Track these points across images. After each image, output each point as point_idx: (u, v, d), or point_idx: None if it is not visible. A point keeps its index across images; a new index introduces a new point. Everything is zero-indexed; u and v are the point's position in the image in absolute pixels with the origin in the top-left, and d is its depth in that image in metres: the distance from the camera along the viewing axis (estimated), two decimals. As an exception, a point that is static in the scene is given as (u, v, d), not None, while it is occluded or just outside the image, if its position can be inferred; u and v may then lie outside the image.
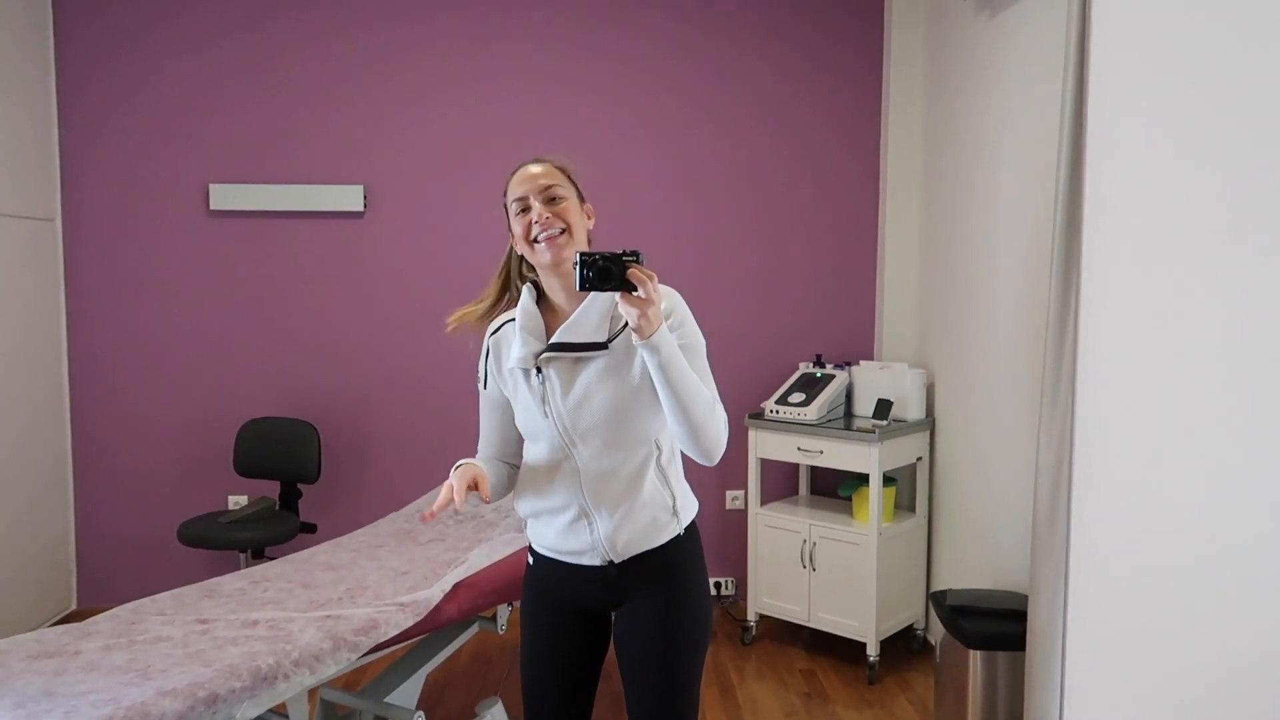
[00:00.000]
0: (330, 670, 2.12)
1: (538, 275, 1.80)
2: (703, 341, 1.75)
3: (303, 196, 4.02)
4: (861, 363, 3.88)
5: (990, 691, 2.67)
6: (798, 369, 4.05)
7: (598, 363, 1.71)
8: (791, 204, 4.17)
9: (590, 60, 4.08)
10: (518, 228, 1.73)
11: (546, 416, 1.74)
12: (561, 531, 1.79)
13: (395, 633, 2.26)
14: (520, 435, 1.87)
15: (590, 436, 1.73)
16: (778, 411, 3.75)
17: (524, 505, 1.86)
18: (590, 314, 1.71)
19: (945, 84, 3.76)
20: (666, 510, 1.79)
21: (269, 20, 4.00)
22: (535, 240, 1.70)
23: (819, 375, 3.85)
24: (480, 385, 1.87)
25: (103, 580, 4.12)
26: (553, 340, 1.73)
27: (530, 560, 1.92)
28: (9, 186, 3.69)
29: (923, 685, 3.48)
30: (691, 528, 1.85)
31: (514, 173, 1.76)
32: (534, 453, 1.81)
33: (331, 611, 2.29)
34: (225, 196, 4.00)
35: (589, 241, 1.78)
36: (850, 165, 4.17)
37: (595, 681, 1.91)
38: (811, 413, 3.66)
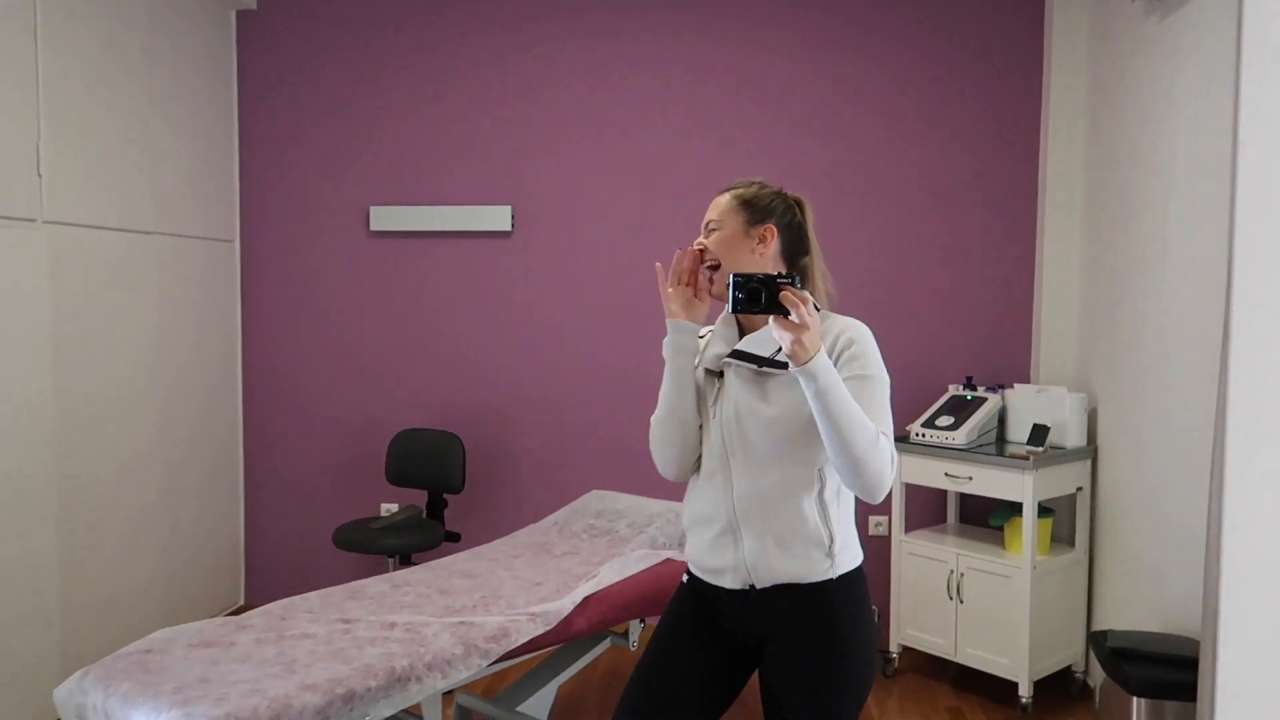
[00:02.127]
0: (461, 675, 2.17)
1: None
2: (885, 377, 1.72)
3: (454, 217, 4.18)
4: (1016, 386, 3.68)
5: (1156, 743, 2.45)
6: (947, 391, 3.87)
7: (775, 380, 1.70)
8: (942, 220, 4.01)
9: (744, 89, 4.06)
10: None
11: (715, 418, 1.75)
12: (708, 545, 1.77)
13: (524, 641, 2.29)
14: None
15: (751, 450, 1.70)
16: (924, 435, 3.60)
17: (686, 512, 1.86)
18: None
19: (1111, 92, 3.53)
20: (821, 547, 1.71)
21: (427, 46, 4.20)
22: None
23: (969, 398, 3.68)
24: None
25: (268, 579, 4.39)
26: (737, 347, 1.74)
27: (685, 578, 1.90)
28: (194, 210, 4.01)
29: (1081, 732, 3.25)
30: (851, 577, 1.75)
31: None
32: (703, 457, 1.80)
33: (465, 618, 2.34)
34: (384, 218, 4.22)
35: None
36: (1006, 180, 3.97)
37: (719, 711, 1.81)
38: (960, 437, 3.50)
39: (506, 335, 4.24)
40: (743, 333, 1.79)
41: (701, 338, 1.85)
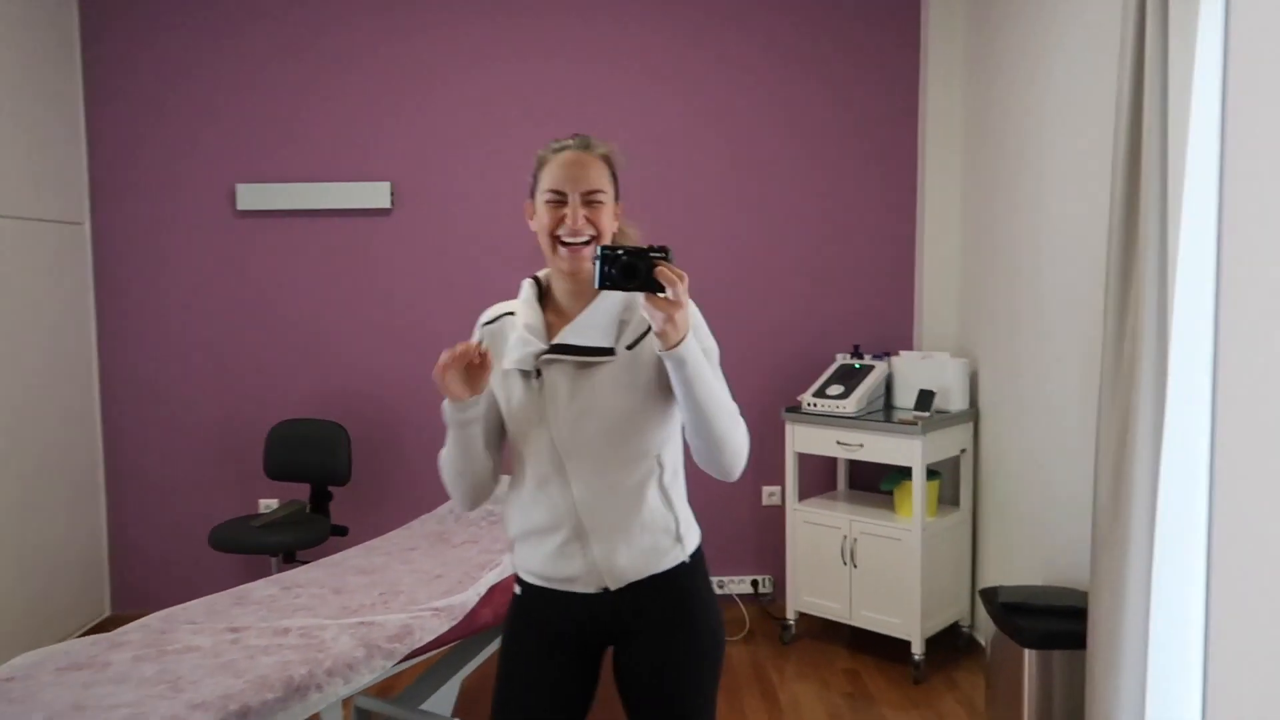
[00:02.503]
0: (365, 679, 2.06)
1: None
2: (717, 348, 1.62)
3: (329, 194, 3.97)
4: (901, 353, 3.77)
5: (1046, 690, 2.56)
6: (835, 360, 3.94)
7: (605, 370, 1.57)
8: (825, 193, 4.06)
9: (621, 60, 3.99)
10: (544, 215, 1.59)
11: (542, 424, 1.59)
12: (551, 555, 1.62)
13: (430, 639, 2.20)
14: (502, 438, 1.71)
15: (588, 450, 1.58)
16: (816, 404, 3.65)
17: (512, 524, 1.69)
18: (598, 315, 1.59)
19: (988, 58, 3.64)
20: (669, 534, 1.63)
21: (292, 18, 3.96)
22: (560, 240, 1.58)
23: (858, 366, 3.75)
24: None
25: (136, 586, 4.11)
26: (556, 341, 1.59)
27: (517, 590, 1.73)
28: (38, 191, 3.67)
29: (970, 684, 3.38)
30: (698, 555, 1.69)
31: (558, 152, 1.61)
32: (524, 464, 1.65)
33: (365, 618, 2.23)
34: (252, 196, 3.96)
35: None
36: (886, 152, 4.05)
37: (585, 714, 1.71)
38: (851, 405, 3.56)
39: (389, 318, 4.07)
40: (549, 321, 1.63)
41: (490, 323, 1.69)
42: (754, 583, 4.16)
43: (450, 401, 1.59)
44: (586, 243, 1.57)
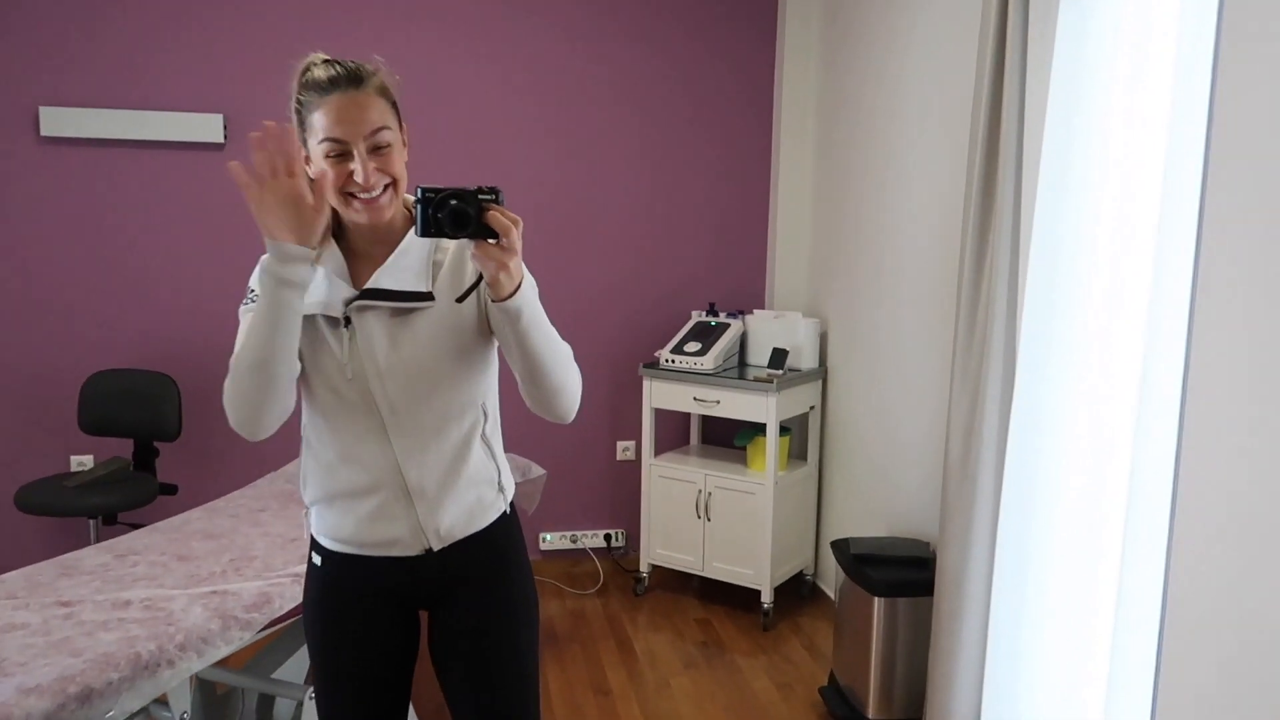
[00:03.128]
0: (221, 651, 1.92)
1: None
2: (535, 282, 1.45)
3: (153, 124, 3.60)
4: (755, 311, 3.85)
5: (891, 636, 2.72)
6: (691, 317, 3.98)
7: (423, 316, 1.43)
8: (684, 150, 4.06)
9: (476, -13, 3.82)
10: (328, 170, 1.36)
11: (357, 377, 1.43)
12: (366, 519, 1.48)
13: (291, 606, 2.08)
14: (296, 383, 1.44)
15: (409, 403, 1.44)
16: (674, 361, 3.68)
17: (314, 488, 1.51)
18: (410, 257, 1.44)
19: (846, 22, 3.71)
20: (492, 486, 1.56)
21: (107, -79, 3.54)
22: (352, 195, 1.37)
23: (713, 324, 3.80)
24: (246, 305, 1.43)
25: (-77, 553, 3.68)
26: (369, 285, 1.42)
27: (316, 560, 1.56)
28: None
29: (813, 629, 3.54)
30: (513, 503, 1.62)
31: (326, 94, 1.35)
32: (330, 421, 1.47)
33: (217, 586, 2.08)
34: (59, 121, 3.54)
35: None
36: (744, 112, 4.09)
37: (409, 683, 1.61)
38: (708, 362, 3.61)
39: (223, 260, 3.76)
40: (351, 262, 1.46)
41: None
42: (607, 536, 4.18)
43: (271, 244, 1.31)
44: (384, 191, 1.39)
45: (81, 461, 3.72)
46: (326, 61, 1.39)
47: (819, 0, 3.95)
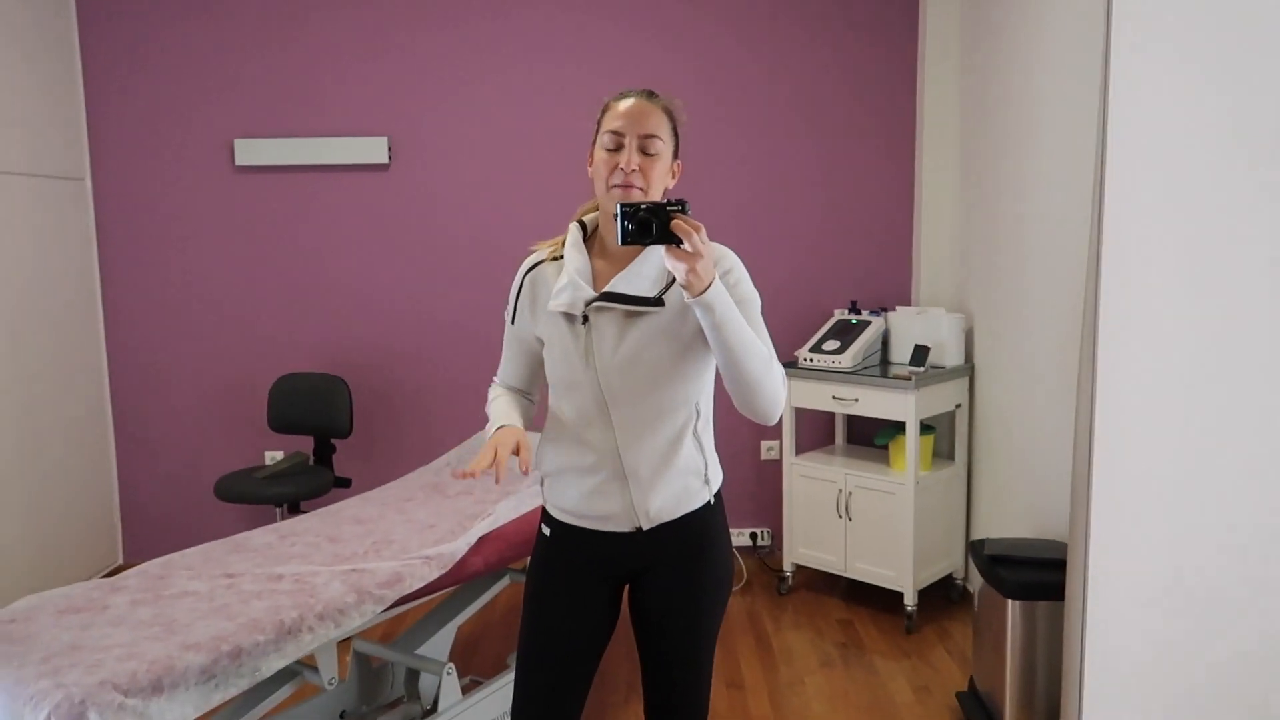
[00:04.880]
0: (355, 623, 2.12)
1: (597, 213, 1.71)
2: (758, 298, 1.66)
3: (327, 149, 3.98)
4: (898, 308, 3.77)
5: (1029, 641, 2.60)
6: (832, 316, 3.95)
7: (651, 319, 1.61)
8: (823, 149, 4.04)
9: (620, 15, 3.95)
10: (602, 160, 1.62)
11: (589, 369, 1.64)
12: (588, 494, 1.69)
13: (420, 585, 2.25)
14: (543, 375, 1.78)
15: (632, 396, 1.63)
16: (812, 360, 3.66)
17: (549, 460, 1.75)
18: (648, 265, 1.62)
19: (986, 21, 3.58)
20: (699, 477, 1.71)
21: (287, -30, 3.94)
22: (612, 185, 1.60)
23: (854, 322, 3.76)
24: (508, 319, 1.78)
25: (147, 536, 4.20)
26: (607, 289, 1.62)
27: (544, 529, 1.80)
28: (37, 147, 3.70)
29: (961, 635, 3.43)
30: (719, 497, 1.77)
31: (622, 98, 1.64)
32: (566, 405, 1.69)
33: (357, 565, 2.28)
34: (250, 151, 3.98)
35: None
36: (886, 108, 4.01)
37: (602, 654, 1.80)
38: (846, 360, 3.57)
39: (389, 271, 4.10)
40: (595, 267, 1.67)
41: (531, 271, 1.74)
42: (753, 535, 4.21)
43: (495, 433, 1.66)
44: (638, 191, 1.60)
45: (273, 456, 4.13)
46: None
47: (957, 3, 3.83)
